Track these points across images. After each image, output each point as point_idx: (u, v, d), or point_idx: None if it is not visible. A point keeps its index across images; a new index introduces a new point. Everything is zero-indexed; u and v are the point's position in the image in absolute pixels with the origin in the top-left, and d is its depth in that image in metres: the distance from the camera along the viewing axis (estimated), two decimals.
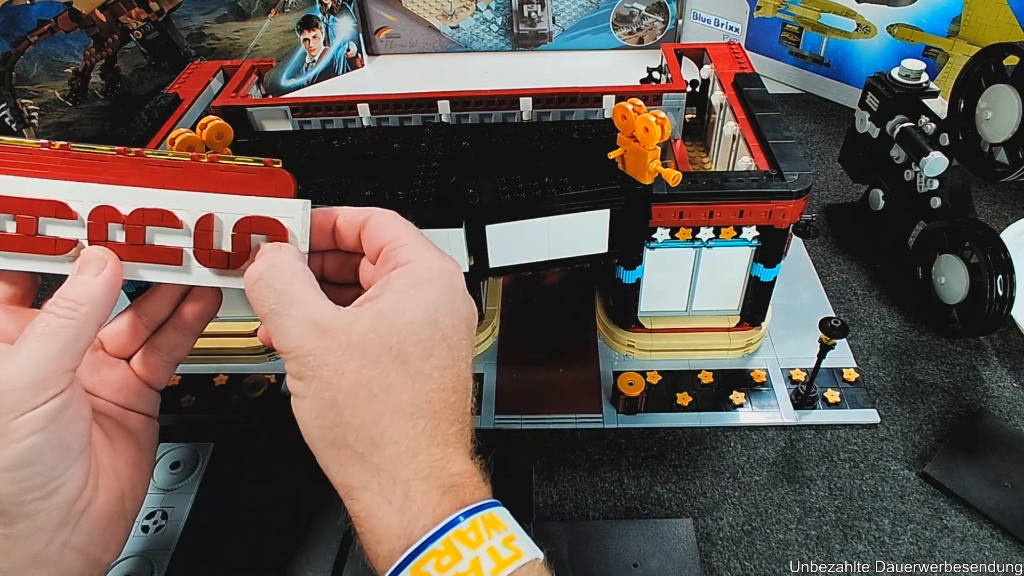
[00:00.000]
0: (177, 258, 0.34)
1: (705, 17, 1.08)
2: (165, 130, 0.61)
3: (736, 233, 0.53)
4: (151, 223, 0.33)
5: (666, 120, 0.44)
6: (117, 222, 0.33)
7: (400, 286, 0.32)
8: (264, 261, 0.32)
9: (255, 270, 0.32)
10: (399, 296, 0.31)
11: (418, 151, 0.53)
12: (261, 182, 0.34)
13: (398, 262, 0.32)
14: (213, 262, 0.34)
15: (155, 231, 0.34)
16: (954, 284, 0.61)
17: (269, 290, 0.31)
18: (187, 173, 0.34)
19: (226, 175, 0.34)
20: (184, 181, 0.33)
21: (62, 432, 0.29)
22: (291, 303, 0.31)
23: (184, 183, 0.33)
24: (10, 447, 0.28)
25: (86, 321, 0.31)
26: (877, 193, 0.72)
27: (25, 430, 0.28)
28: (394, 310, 0.31)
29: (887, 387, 0.60)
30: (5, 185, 0.32)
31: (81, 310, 0.30)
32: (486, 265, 0.51)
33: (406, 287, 0.32)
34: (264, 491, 0.53)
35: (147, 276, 0.34)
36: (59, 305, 0.30)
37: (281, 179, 0.34)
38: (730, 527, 0.50)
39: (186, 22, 0.94)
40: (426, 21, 1.13)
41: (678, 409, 0.58)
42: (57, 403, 0.29)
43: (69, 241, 0.33)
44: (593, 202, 0.49)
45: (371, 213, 0.35)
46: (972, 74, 0.58)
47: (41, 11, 0.83)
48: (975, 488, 0.51)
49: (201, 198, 0.34)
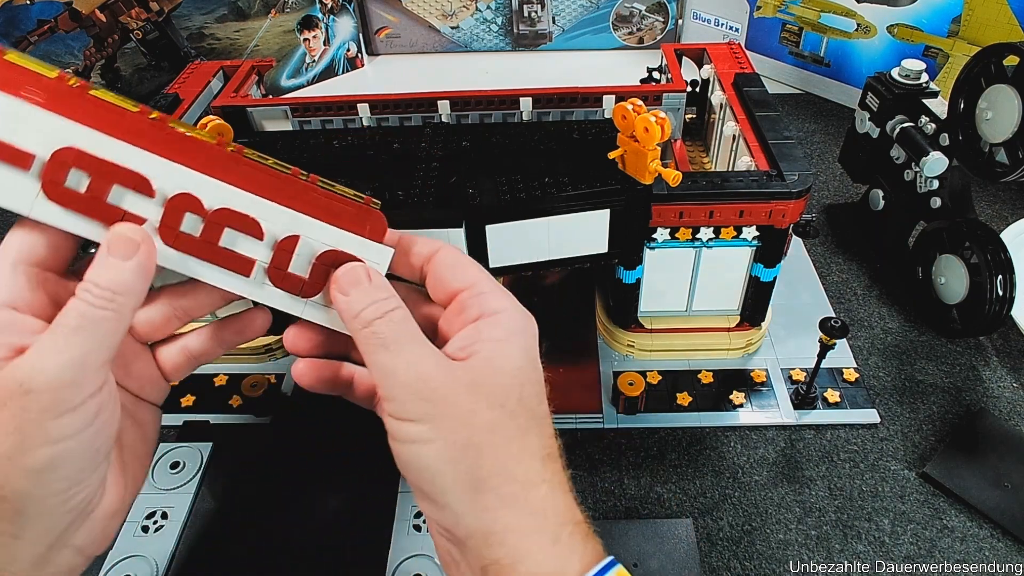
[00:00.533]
0: (247, 269, 0.32)
1: (705, 17, 1.08)
2: None
3: (736, 233, 0.53)
4: (232, 226, 0.31)
5: (666, 120, 0.44)
6: (197, 215, 0.31)
7: (498, 335, 0.32)
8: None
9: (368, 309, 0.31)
10: (501, 344, 0.31)
11: (418, 151, 0.53)
12: (355, 218, 0.33)
13: (483, 312, 0.32)
14: (285, 284, 0.32)
15: (234, 235, 0.32)
16: (954, 284, 0.61)
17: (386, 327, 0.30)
18: (283, 185, 0.32)
19: (323, 200, 0.33)
20: (277, 192, 0.32)
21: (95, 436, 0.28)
22: (409, 342, 0.30)
23: (276, 194, 0.32)
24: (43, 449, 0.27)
25: (123, 312, 0.29)
26: (877, 193, 0.72)
27: (61, 432, 0.27)
28: (502, 357, 0.31)
29: (887, 387, 0.60)
30: (91, 141, 0.29)
31: (118, 300, 0.28)
32: (486, 265, 0.51)
33: (505, 335, 0.32)
34: (264, 491, 0.53)
35: (206, 277, 0.32)
36: (93, 293, 0.28)
37: (375, 222, 0.33)
38: (730, 527, 0.50)
39: (186, 22, 0.94)
40: (426, 21, 1.13)
41: (678, 409, 0.58)
42: (95, 404, 0.28)
43: (139, 218, 0.30)
44: (593, 202, 0.49)
45: (439, 248, 0.34)
46: (972, 74, 0.58)
47: (41, 11, 0.83)
48: (975, 488, 0.51)
49: (293, 217, 0.32)
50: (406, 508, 0.51)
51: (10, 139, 0.28)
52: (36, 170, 0.28)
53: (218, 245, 0.31)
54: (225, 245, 0.31)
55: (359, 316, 0.31)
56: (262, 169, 0.32)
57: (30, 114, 0.28)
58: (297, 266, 0.33)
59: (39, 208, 0.29)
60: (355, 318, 0.31)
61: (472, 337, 0.31)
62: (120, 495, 0.32)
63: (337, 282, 0.32)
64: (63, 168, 0.29)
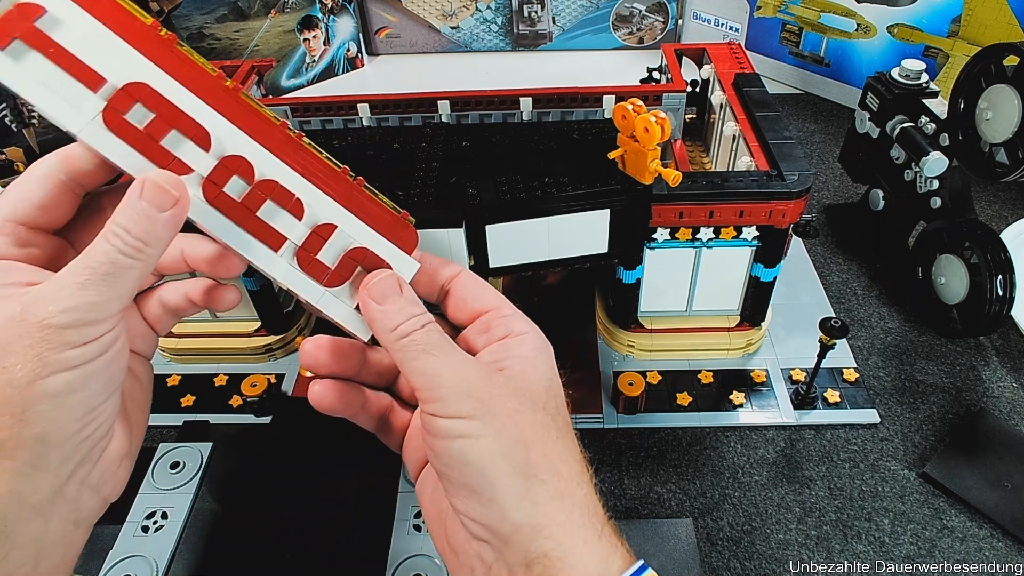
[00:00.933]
0: (278, 244, 0.33)
1: (705, 17, 1.08)
2: None
3: (736, 233, 0.53)
4: (276, 200, 0.32)
5: (666, 120, 0.44)
6: (244, 180, 0.32)
7: (526, 352, 0.33)
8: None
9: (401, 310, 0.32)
10: (531, 360, 0.33)
11: (418, 151, 0.53)
12: (391, 226, 0.34)
13: (510, 332, 0.34)
14: (310, 268, 0.33)
15: (274, 209, 0.32)
16: (954, 284, 0.61)
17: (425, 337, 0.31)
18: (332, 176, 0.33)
19: (365, 200, 0.34)
20: (325, 181, 0.33)
21: (108, 365, 0.29)
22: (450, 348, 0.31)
23: (324, 183, 0.33)
24: (62, 374, 0.28)
25: (150, 262, 0.29)
26: (877, 193, 0.72)
27: (79, 359, 0.28)
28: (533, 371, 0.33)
29: (887, 387, 0.60)
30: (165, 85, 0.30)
31: (147, 251, 0.29)
32: (486, 265, 0.51)
33: (533, 354, 0.33)
34: (264, 491, 0.53)
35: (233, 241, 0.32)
36: (124, 240, 0.28)
37: (408, 235, 0.35)
38: (730, 527, 0.50)
39: (186, 22, 0.94)
40: (426, 21, 1.13)
41: (678, 409, 0.58)
42: (110, 337, 0.29)
43: (187, 167, 0.31)
44: (593, 202, 0.49)
45: (461, 270, 0.36)
46: (972, 74, 0.58)
47: None
48: (975, 488, 0.51)
49: (335, 208, 0.33)
50: (406, 508, 0.51)
51: (88, 59, 0.29)
52: (103, 94, 0.29)
53: (256, 214, 0.32)
54: (263, 216, 0.32)
55: (396, 329, 0.32)
56: (316, 158, 0.33)
57: (115, 44, 0.30)
58: (326, 255, 0.33)
59: (90, 129, 0.30)
60: (392, 330, 0.32)
61: (501, 353, 0.33)
62: (127, 439, 0.33)
63: (370, 289, 0.33)
64: (130, 100, 0.30)
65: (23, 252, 0.30)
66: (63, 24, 0.29)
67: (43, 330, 0.27)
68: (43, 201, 0.31)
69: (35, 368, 0.27)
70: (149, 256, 0.29)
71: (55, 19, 0.29)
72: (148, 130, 0.30)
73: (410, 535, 0.49)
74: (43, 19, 0.29)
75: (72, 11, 0.29)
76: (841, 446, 0.55)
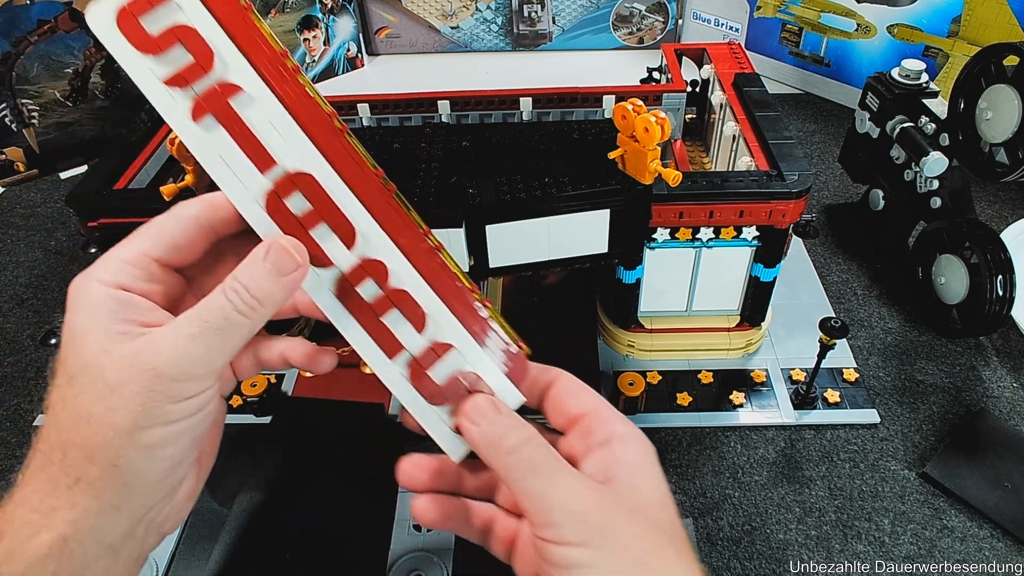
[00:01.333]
0: (394, 351, 0.33)
1: (705, 17, 1.08)
2: (165, 130, 0.61)
3: (736, 233, 0.53)
4: (403, 310, 0.33)
5: (666, 120, 0.44)
6: (378, 283, 0.32)
7: (632, 459, 0.33)
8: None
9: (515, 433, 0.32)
10: (639, 469, 0.32)
11: (418, 151, 0.53)
12: (503, 353, 0.34)
13: (611, 436, 0.33)
14: (418, 382, 0.33)
15: (399, 318, 0.33)
16: (954, 284, 0.61)
17: (531, 452, 0.31)
18: (461, 295, 0.33)
19: (485, 325, 0.34)
20: (454, 299, 0.33)
21: (202, 421, 0.30)
22: (559, 467, 0.31)
23: (452, 300, 0.33)
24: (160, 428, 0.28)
25: (260, 322, 0.30)
26: (877, 193, 0.72)
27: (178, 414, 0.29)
28: (644, 482, 0.32)
29: (887, 387, 0.60)
30: (328, 178, 0.31)
31: (260, 311, 0.30)
32: (486, 265, 0.51)
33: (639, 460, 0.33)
34: (264, 491, 0.52)
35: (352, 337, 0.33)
36: (243, 298, 0.29)
37: (520, 366, 0.34)
38: (730, 527, 0.50)
39: None
40: (426, 21, 1.13)
41: (678, 409, 0.58)
42: (209, 394, 0.30)
43: (328, 260, 0.32)
44: (593, 202, 0.49)
45: (558, 375, 0.35)
46: (972, 74, 0.58)
47: (41, 11, 0.83)
48: (975, 488, 0.51)
49: (458, 330, 0.33)
50: (406, 508, 0.51)
51: (266, 141, 0.31)
52: (271, 176, 0.31)
53: (380, 318, 0.33)
54: (387, 322, 0.33)
55: (501, 444, 0.31)
56: (451, 274, 0.33)
57: (292, 130, 0.31)
58: (437, 372, 0.33)
59: (251, 207, 0.31)
60: (496, 446, 0.31)
61: (607, 461, 0.32)
62: (196, 479, 0.33)
63: (467, 413, 0.33)
64: (293, 187, 0.31)
65: (147, 287, 0.31)
66: (253, 105, 0.30)
67: (152, 378, 0.28)
68: (180, 241, 0.32)
69: (137, 418, 0.28)
70: (261, 316, 0.30)
71: (249, 98, 0.30)
72: (302, 218, 0.31)
73: (410, 535, 0.49)
74: (238, 97, 0.30)
75: (263, 93, 0.30)
76: (841, 446, 0.55)
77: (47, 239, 0.81)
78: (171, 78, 0.30)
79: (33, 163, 0.91)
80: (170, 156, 0.55)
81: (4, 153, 0.88)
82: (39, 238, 0.81)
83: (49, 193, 0.89)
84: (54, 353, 0.37)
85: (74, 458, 0.28)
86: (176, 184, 0.45)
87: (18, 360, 0.65)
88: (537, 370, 0.35)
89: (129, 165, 0.57)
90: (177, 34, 0.29)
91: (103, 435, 0.28)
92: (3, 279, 0.75)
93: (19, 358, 0.65)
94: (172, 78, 0.30)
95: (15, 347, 0.67)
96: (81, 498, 0.28)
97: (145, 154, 0.58)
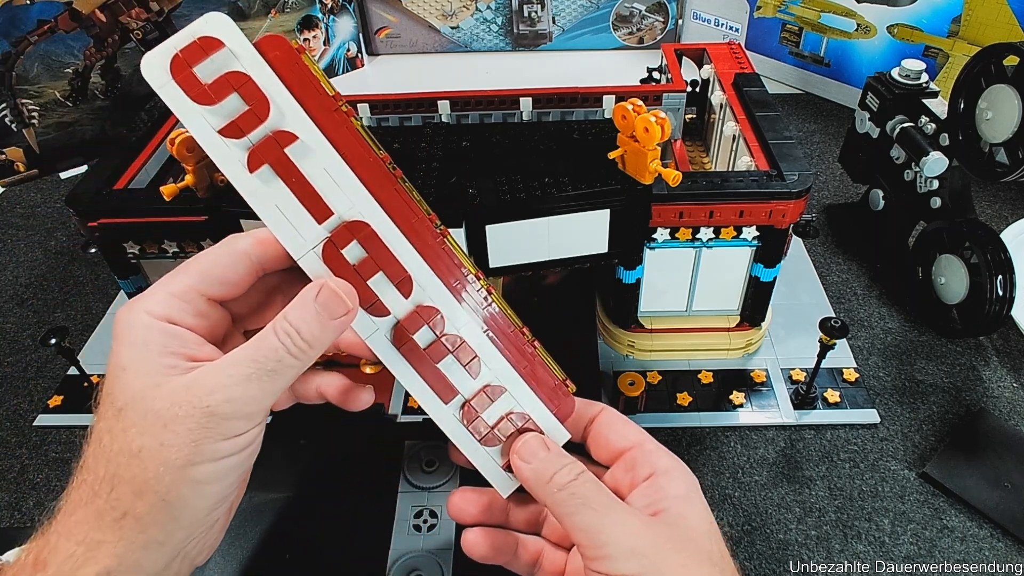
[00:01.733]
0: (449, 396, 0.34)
1: (705, 17, 1.08)
2: (165, 130, 0.61)
3: (736, 233, 0.53)
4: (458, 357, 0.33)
5: (666, 120, 0.44)
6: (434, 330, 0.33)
7: (679, 491, 0.33)
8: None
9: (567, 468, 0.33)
10: (686, 501, 0.33)
11: (418, 151, 0.53)
12: (552, 392, 0.35)
13: (656, 469, 0.34)
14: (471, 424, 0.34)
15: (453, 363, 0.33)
16: (954, 284, 0.61)
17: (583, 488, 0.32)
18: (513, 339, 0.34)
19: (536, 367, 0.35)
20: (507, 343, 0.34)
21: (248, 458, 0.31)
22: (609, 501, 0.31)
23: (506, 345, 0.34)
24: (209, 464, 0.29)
25: (308, 363, 0.31)
26: (877, 193, 0.72)
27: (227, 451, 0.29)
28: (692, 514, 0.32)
29: (887, 387, 0.60)
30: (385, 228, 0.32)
31: (309, 353, 0.30)
32: (486, 265, 0.51)
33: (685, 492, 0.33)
34: (263, 491, 0.52)
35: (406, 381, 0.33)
36: (294, 341, 0.30)
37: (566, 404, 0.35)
38: (730, 527, 0.50)
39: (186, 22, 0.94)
40: (426, 21, 1.13)
41: (678, 409, 0.58)
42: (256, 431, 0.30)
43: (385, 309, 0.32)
44: (593, 202, 0.49)
45: (601, 409, 0.36)
46: (972, 74, 0.58)
47: (41, 11, 0.83)
48: (975, 488, 0.51)
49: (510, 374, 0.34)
50: (406, 508, 0.51)
51: (323, 191, 0.30)
52: (328, 226, 0.31)
53: (436, 364, 0.33)
54: (441, 367, 0.33)
55: (552, 480, 0.32)
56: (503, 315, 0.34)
57: (349, 179, 0.31)
58: (489, 413, 0.34)
59: (308, 258, 0.31)
60: (548, 483, 0.32)
61: (654, 494, 0.33)
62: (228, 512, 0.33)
63: (518, 452, 0.33)
64: (350, 237, 0.31)
65: (195, 322, 0.31)
66: (309, 154, 0.30)
67: (205, 416, 0.28)
68: (230, 277, 0.32)
69: (190, 454, 0.28)
70: (310, 358, 0.30)
71: (305, 147, 0.30)
72: (359, 267, 0.31)
73: (410, 535, 0.49)
74: (294, 147, 0.30)
75: (319, 141, 0.30)
76: (841, 446, 0.55)
77: (47, 239, 0.81)
78: (226, 128, 0.29)
79: (33, 163, 0.91)
80: (170, 156, 0.54)
81: (4, 153, 0.88)
82: (39, 238, 0.81)
83: (49, 193, 0.89)
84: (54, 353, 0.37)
85: (122, 492, 0.28)
86: (176, 184, 0.45)
87: (18, 360, 0.65)
88: (582, 405, 0.36)
89: (129, 165, 0.57)
90: (232, 82, 0.29)
91: (154, 470, 0.28)
92: (3, 279, 0.75)
93: (19, 358, 0.65)
94: (227, 128, 0.29)
95: (15, 347, 0.67)
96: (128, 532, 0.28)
97: (145, 154, 0.58)
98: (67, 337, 0.53)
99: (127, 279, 0.55)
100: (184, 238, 0.52)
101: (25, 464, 0.54)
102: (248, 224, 0.48)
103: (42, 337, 0.53)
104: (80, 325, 0.69)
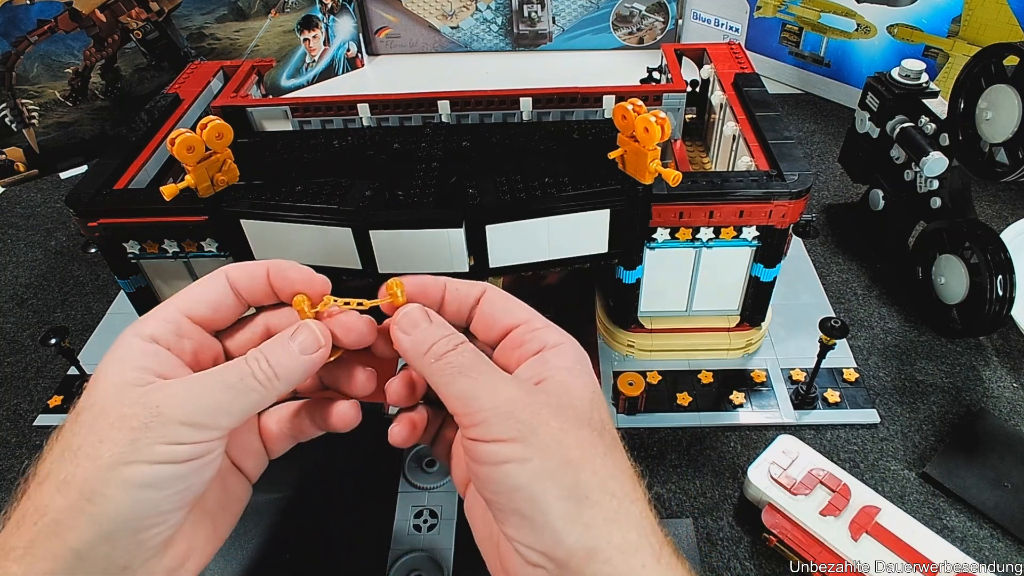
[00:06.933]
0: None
1: (705, 17, 1.09)
2: (165, 130, 0.61)
3: (736, 233, 0.53)
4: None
5: (666, 120, 0.44)
6: None
7: (565, 364, 0.32)
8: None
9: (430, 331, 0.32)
10: (571, 372, 0.32)
11: (418, 151, 0.53)
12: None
13: (545, 344, 0.33)
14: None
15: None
16: (954, 284, 0.61)
17: (460, 357, 0.31)
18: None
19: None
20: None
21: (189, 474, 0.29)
22: (487, 368, 0.31)
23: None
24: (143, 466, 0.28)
25: (273, 395, 0.30)
26: (877, 193, 0.72)
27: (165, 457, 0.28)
28: (575, 383, 0.31)
29: (887, 387, 0.60)
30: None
31: (275, 385, 0.30)
32: (486, 265, 0.50)
33: (572, 364, 0.32)
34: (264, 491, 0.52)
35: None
36: (261, 367, 0.30)
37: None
38: (730, 527, 0.50)
39: (186, 22, 0.94)
40: (426, 21, 1.13)
41: (678, 409, 0.58)
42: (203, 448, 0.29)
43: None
44: (593, 202, 0.49)
45: (486, 289, 0.35)
46: (972, 74, 0.58)
47: (41, 11, 0.83)
48: (975, 488, 0.51)
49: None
50: (406, 508, 0.51)
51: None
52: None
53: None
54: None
55: (430, 351, 0.31)
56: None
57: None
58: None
59: None
60: (426, 353, 0.31)
61: (539, 367, 0.32)
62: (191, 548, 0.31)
63: (398, 323, 0.32)
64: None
65: (177, 343, 0.31)
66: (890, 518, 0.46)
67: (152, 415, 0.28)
68: (209, 296, 0.32)
69: (124, 451, 0.27)
70: (275, 389, 0.30)
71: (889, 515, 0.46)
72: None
73: (410, 535, 0.49)
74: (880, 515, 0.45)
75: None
76: (841, 446, 0.55)
77: (47, 239, 0.81)
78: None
79: (33, 163, 0.91)
80: (170, 156, 0.54)
81: (4, 153, 0.88)
82: (39, 238, 0.81)
83: (49, 193, 0.89)
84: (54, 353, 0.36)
85: (47, 489, 0.28)
86: (176, 184, 0.45)
87: (18, 360, 0.65)
88: (464, 286, 0.35)
89: (129, 165, 0.57)
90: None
91: (84, 465, 0.27)
92: (3, 279, 0.75)
93: (19, 358, 0.65)
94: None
95: (15, 347, 0.67)
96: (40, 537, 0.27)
97: (145, 154, 0.58)
98: (67, 337, 0.53)
99: (127, 279, 0.55)
100: (184, 238, 0.52)
101: (25, 464, 0.54)
102: (248, 224, 0.48)
103: (42, 337, 0.53)
104: (80, 325, 0.69)
